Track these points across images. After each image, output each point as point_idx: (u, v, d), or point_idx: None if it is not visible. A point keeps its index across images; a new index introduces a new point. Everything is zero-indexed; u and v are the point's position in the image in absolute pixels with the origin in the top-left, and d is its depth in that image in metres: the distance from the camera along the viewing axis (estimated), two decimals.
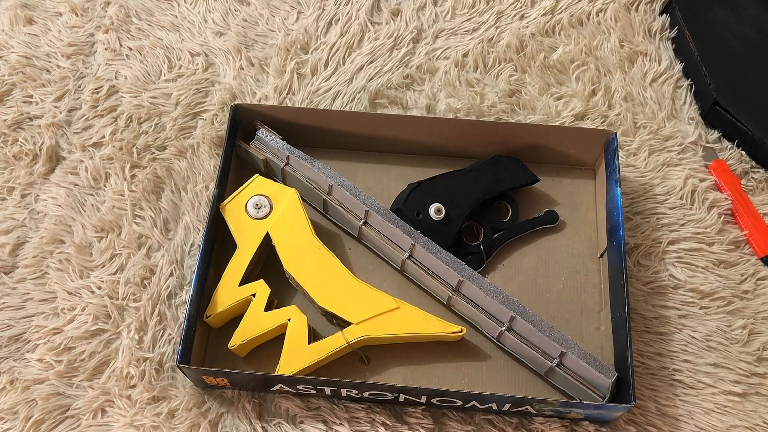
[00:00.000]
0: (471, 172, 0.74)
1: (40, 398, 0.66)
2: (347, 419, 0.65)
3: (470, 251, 0.72)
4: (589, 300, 0.71)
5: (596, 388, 0.63)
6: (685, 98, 0.83)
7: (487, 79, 0.85)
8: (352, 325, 0.65)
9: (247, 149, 0.74)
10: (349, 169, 0.77)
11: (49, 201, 0.76)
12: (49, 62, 0.85)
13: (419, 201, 0.71)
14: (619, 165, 0.71)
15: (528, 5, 0.90)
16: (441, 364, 0.67)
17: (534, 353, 0.64)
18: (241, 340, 0.64)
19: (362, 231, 0.71)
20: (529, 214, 0.75)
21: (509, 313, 0.64)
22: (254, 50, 0.86)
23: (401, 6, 0.90)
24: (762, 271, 0.73)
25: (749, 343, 0.69)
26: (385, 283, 0.71)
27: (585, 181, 0.77)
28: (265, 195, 0.71)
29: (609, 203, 0.72)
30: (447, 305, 0.70)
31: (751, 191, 0.77)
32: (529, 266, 0.73)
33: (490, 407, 0.63)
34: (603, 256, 0.72)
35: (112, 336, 0.69)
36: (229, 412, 0.65)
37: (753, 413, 0.66)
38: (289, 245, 0.69)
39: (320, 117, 0.75)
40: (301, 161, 0.72)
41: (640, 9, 0.89)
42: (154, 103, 0.82)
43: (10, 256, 0.73)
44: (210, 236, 0.68)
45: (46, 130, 0.80)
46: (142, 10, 0.89)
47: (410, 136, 0.76)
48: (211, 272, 0.69)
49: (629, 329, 0.63)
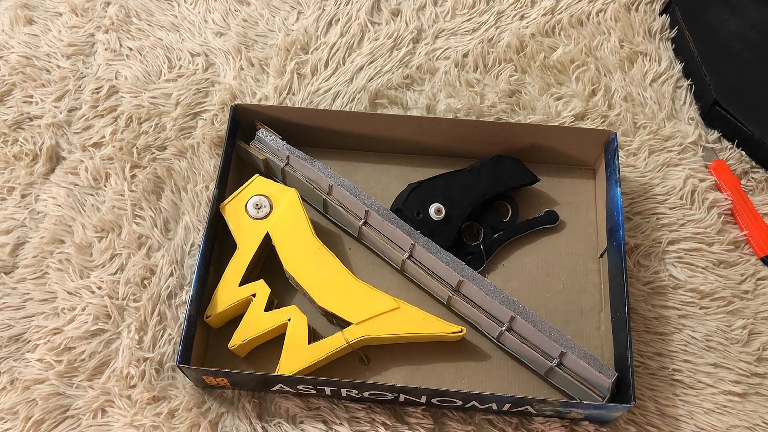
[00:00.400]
0: (471, 172, 0.74)
1: (40, 398, 0.66)
2: (347, 419, 0.65)
3: (470, 251, 0.72)
4: (589, 300, 0.71)
5: (596, 388, 0.63)
6: (685, 98, 0.83)
7: (487, 79, 0.85)
8: (352, 325, 0.65)
9: (247, 149, 0.74)
10: (349, 169, 0.77)
11: (49, 201, 0.76)
12: (49, 62, 0.85)
13: (419, 201, 0.71)
14: (619, 165, 0.71)
15: (528, 5, 0.90)
16: (441, 364, 0.67)
17: (534, 353, 0.64)
18: (241, 340, 0.65)
19: (362, 231, 0.71)
20: (529, 214, 0.75)
21: (509, 313, 0.64)
22: (254, 50, 0.86)
23: (401, 6, 0.90)
24: (762, 271, 0.73)
25: (749, 343, 0.69)
26: (385, 283, 0.71)
27: (585, 181, 0.77)
28: (265, 195, 0.71)
29: (609, 203, 0.72)
30: (447, 305, 0.70)
31: (751, 191, 0.77)
32: (529, 266, 0.73)
33: (490, 407, 0.63)
34: (603, 256, 0.72)
35: (112, 336, 0.69)
36: (229, 412, 0.65)
37: (753, 413, 0.66)
38: (289, 245, 0.69)
39: (320, 117, 0.75)
40: (301, 161, 0.72)
41: (640, 9, 0.89)
42: (154, 103, 0.82)
43: (10, 256, 0.73)
44: (210, 236, 0.68)
45: (46, 130, 0.80)
46: (142, 10, 0.89)
47: (410, 136, 0.76)
48: (211, 272, 0.69)
49: (629, 329, 0.63)
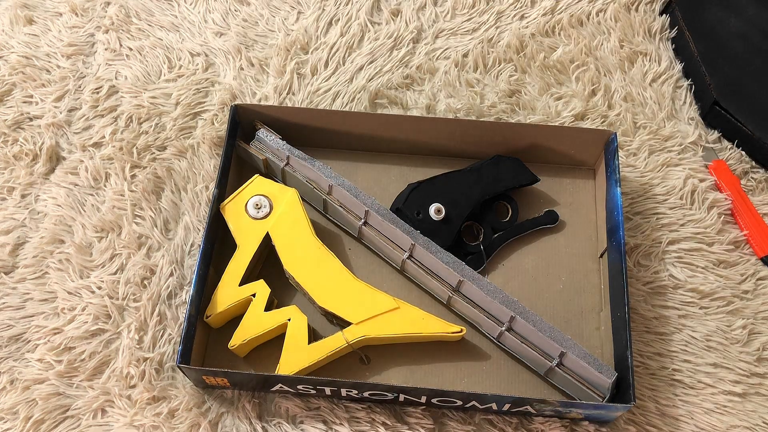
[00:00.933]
0: (471, 172, 0.74)
1: (40, 398, 0.66)
2: (347, 419, 0.65)
3: (470, 251, 0.72)
4: (589, 300, 0.71)
5: (596, 388, 0.63)
6: (685, 98, 0.83)
7: (487, 79, 0.85)
8: (352, 325, 0.65)
9: (247, 149, 0.74)
10: (349, 169, 0.77)
11: (49, 201, 0.76)
12: (49, 62, 0.85)
13: (419, 201, 0.71)
14: (619, 165, 0.71)
15: (528, 5, 0.90)
16: (441, 364, 0.67)
17: (534, 353, 0.64)
18: (241, 340, 0.65)
19: (362, 231, 0.71)
20: (529, 214, 0.75)
21: (509, 313, 0.64)
22: (254, 50, 0.86)
23: (401, 6, 0.90)
24: (762, 271, 0.73)
25: (749, 343, 0.69)
26: (385, 283, 0.71)
27: (585, 181, 0.77)
28: (265, 195, 0.71)
29: (609, 203, 0.72)
30: (447, 305, 0.70)
31: (751, 191, 0.77)
32: (529, 266, 0.73)
33: (490, 407, 0.63)
34: (603, 256, 0.72)
35: (112, 336, 0.69)
36: (229, 412, 0.65)
37: (753, 413, 0.66)
38: (289, 245, 0.69)
39: (320, 117, 0.75)
40: (301, 161, 0.72)
41: (640, 9, 0.89)
42: (154, 103, 0.82)
43: (10, 256, 0.73)
44: (210, 236, 0.68)
45: (46, 130, 0.80)
46: (142, 10, 0.89)
47: (410, 136, 0.76)
48: (211, 272, 0.69)
49: (629, 329, 0.63)
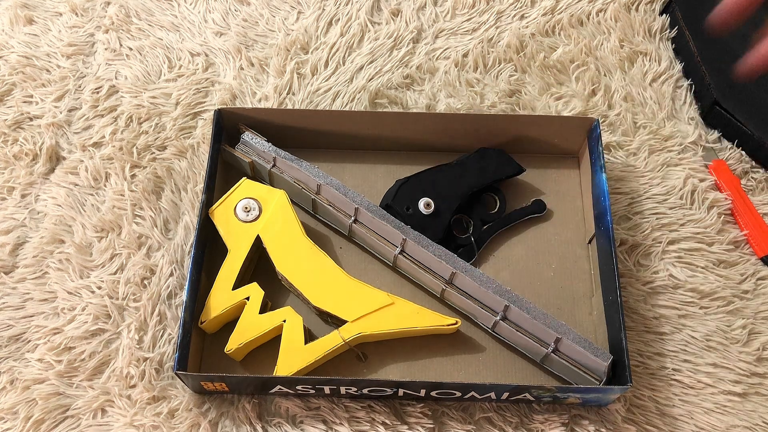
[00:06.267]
0: (457, 165, 0.74)
1: (40, 398, 0.66)
2: (347, 419, 0.65)
3: (461, 244, 0.72)
4: (581, 286, 0.71)
5: (592, 371, 0.63)
6: (685, 98, 0.83)
7: (487, 79, 0.85)
8: (347, 323, 0.65)
9: (233, 153, 0.74)
10: (336, 169, 0.77)
11: (49, 201, 0.76)
12: (49, 62, 0.85)
13: (408, 196, 0.72)
14: (602, 151, 0.71)
15: (528, 5, 0.90)
16: (438, 358, 0.68)
17: (529, 341, 0.65)
18: (237, 344, 0.64)
19: (353, 229, 0.71)
20: (516, 204, 0.75)
21: (503, 302, 0.65)
22: (254, 50, 0.86)
23: (401, 6, 0.90)
24: (762, 271, 0.73)
25: (749, 343, 0.69)
26: (378, 280, 0.71)
27: (570, 170, 0.77)
28: (254, 198, 0.71)
29: (595, 189, 0.72)
30: (441, 298, 0.70)
31: (751, 191, 0.77)
32: (519, 256, 0.73)
33: (489, 396, 0.64)
34: (591, 242, 0.72)
35: (112, 336, 0.69)
36: (229, 413, 0.65)
37: (753, 413, 0.66)
38: (281, 247, 0.68)
39: (302, 118, 0.75)
40: (288, 162, 0.72)
41: (640, 9, 0.89)
42: (154, 103, 0.82)
43: (10, 256, 0.73)
44: (201, 241, 0.68)
45: (46, 130, 0.80)
46: (142, 10, 0.89)
47: (394, 133, 0.76)
48: (204, 277, 0.68)
49: (622, 312, 0.63)
